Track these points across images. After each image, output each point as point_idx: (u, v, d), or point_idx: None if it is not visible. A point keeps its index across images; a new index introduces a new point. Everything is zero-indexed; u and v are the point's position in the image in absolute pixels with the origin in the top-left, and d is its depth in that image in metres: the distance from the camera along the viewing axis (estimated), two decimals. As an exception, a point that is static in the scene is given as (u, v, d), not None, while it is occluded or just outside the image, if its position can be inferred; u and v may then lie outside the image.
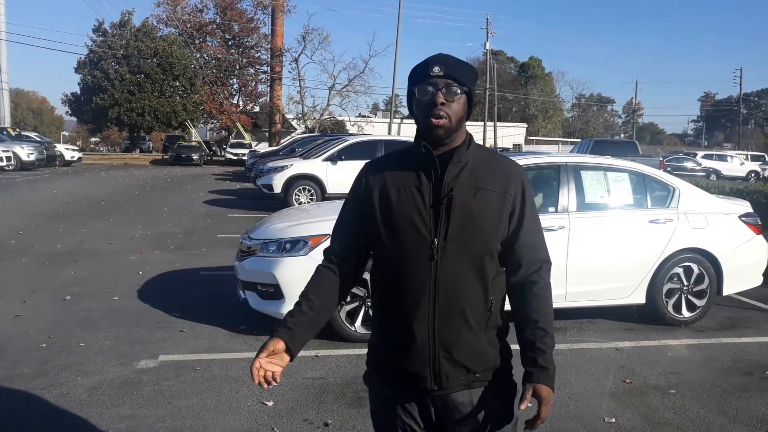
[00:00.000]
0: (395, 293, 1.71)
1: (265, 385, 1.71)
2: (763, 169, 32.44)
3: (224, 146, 42.72)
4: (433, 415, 1.74)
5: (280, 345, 1.71)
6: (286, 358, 1.74)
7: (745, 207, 6.05)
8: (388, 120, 41.55)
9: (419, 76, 1.70)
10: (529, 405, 1.67)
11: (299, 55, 39.70)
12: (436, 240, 1.65)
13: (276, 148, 25.55)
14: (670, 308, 5.53)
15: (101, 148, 62.25)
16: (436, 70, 1.67)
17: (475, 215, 1.67)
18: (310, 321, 1.76)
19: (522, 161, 5.56)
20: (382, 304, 1.76)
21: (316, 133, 29.84)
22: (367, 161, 1.90)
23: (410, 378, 1.71)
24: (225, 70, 45.55)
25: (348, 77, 39.69)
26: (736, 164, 32.81)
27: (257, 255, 5.07)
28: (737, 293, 6.16)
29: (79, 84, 40.20)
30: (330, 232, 1.95)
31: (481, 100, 49.45)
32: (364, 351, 1.90)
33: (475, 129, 48.78)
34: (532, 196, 1.78)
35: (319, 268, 1.83)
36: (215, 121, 48.88)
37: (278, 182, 13.71)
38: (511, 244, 1.73)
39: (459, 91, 1.68)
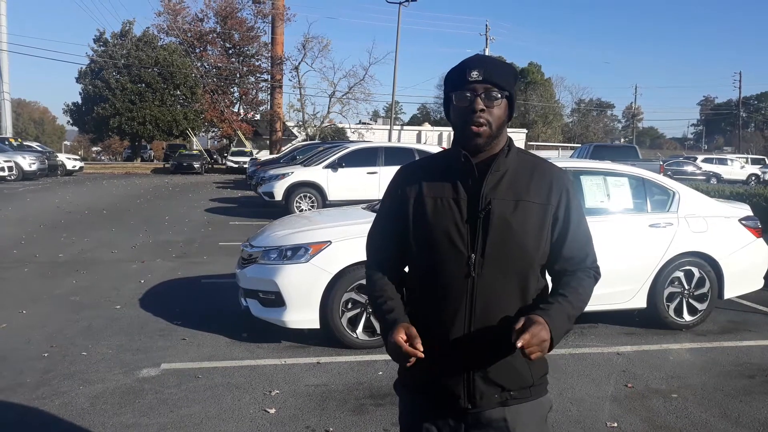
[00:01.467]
0: (429, 308, 1.63)
1: (420, 354, 1.55)
2: (764, 173, 32.40)
3: (225, 154, 42.78)
4: (464, 428, 1.66)
5: (404, 330, 1.58)
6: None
7: (746, 210, 6.06)
8: (388, 127, 41.60)
9: (456, 81, 1.61)
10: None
11: (299, 63, 39.80)
12: (473, 256, 1.57)
13: (277, 155, 25.59)
14: (671, 312, 5.53)
15: (103, 158, 62.40)
16: (475, 74, 1.57)
17: (515, 229, 1.57)
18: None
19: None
20: (414, 318, 1.65)
21: (316, 141, 29.89)
22: (401, 165, 1.81)
23: (443, 394, 1.64)
24: (225, 78, 45.68)
25: (348, 85, 39.76)
26: (737, 168, 32.79)
27: (258, 262, 5.08)
28: (738, 297, 6.16)
29: (80, 94, 40.39)
30: (330, 238, 1.96)
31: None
32: (366, 358, 1.92)
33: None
34: (578, 202, 1.69)
35: (371, 270, 1.77)
36: (216, 130, 48.99)
37: (279, 190, 13.74)
38: (556, 256, 1.66)
39: (500, 96, 1.59)
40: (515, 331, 1.50)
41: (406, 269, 1.76)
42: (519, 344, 1.47)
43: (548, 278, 1.73)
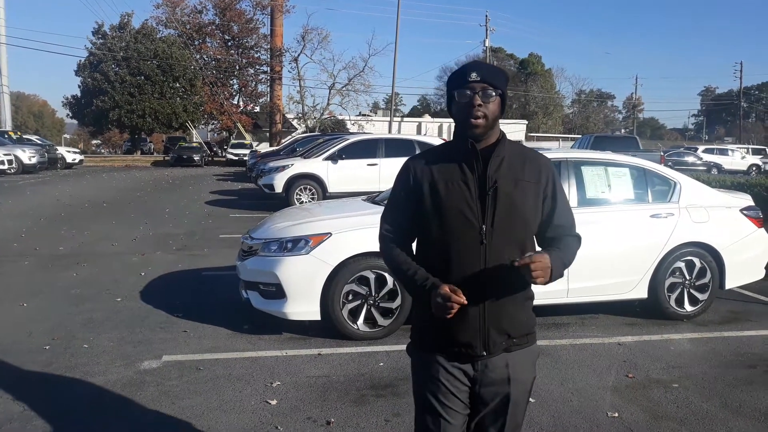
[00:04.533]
0: (448, 275, 1.91)
1: (465, 301, 1.84)
2: (764, 163, 32.33)
3: (225, 147, 42.72)
4: (472, 376, 1.97)
5: (447, 285, 1.86)
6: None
7: (747, 200, 6.04)
8: (388, 118, 41.52)
9: (458, 81, 1.92)
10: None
11: (299, 55, 39.66)
12: (484, 227, 1.89)
13: (277, 147, 25.57)
14: (672, 302, 5.53)
15: (102, 151, 62.30)
16: (474, 75, 1.88)
17: (517, 204, 1.91)
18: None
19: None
20: None
21: (316, 133, 29.82)
22: (408, 157, 2.09)
23: (461, 346, 1.95)
24: (225, 70, 45.54)
25: (348, 76, 39.64)
26: (737, 158, 32.71)
27: (259, 254, 5.08)
28: (739, 287, 6.16)
29: (79, 87, 40.24)
30: (330, 230, 2.05)
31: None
32: (367, 349, 1.95)
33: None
34: (561, 183, 2.07)
35: (388, 249, 2.05)
36: (216, 122, 48.87)
37: (279, 182, 13.72)
38: (546, 225, 2.02)
39: (494, 94, 1.90)
40: (525, 258, 1.82)
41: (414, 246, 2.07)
42: (524, 262, 1.80)
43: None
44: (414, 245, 2.09)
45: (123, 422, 3.47)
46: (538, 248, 2.02)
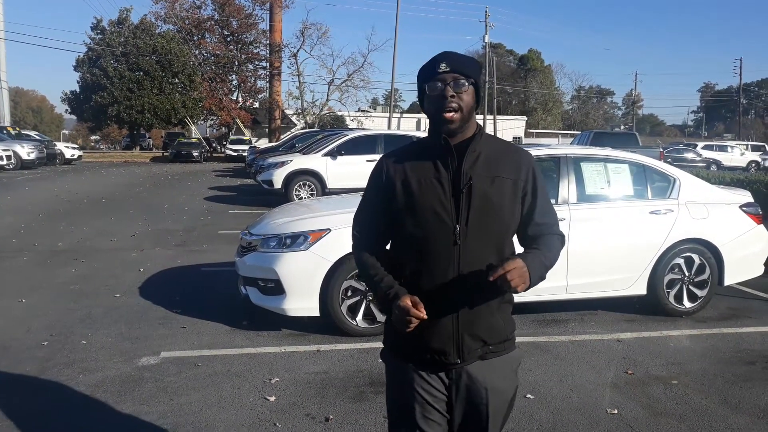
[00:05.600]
0: (420, 277, 1.83)
1: (425, 316, 1.76)
2: (764, 159, 32.32)
3: (224, 143, 42.70)
4: (447, 385, 1.88)
5: (409, 298, 1.78)
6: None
7: (746, 197, 6.04)
8: (387, 114, 41.47)
9: (428, 73, 1.82)
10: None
11: (298, 51, 39.59)
12: (458, 226, 1.78)
13: (276, 143, 25.53)
14: (671, 299, 5.53)
15: (101, 146, 62.25)
16: (443, 66, 1.78)
17: (493, 202, 1.80)
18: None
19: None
20: (405, 286, 1.84)
21: (315, 129, 29.79)
22: (382, 154, 1.99)
23: (434, 353, 1.84)
24: (224, 66, 45.45)
25: (347, 72, 39.58)
26: (737, 154, 32.70)
27: (258, 250, 5.07)
28: (738, 283, 6.15)
29: (78, 82, 40.20)
30: (329, 226, 2.01)
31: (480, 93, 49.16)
32: (366, 345, 1.94)
33: (475, 122, 48.60)
34: (542, 180, 1.93)
35: (358, 253, 1.97)
36: (215, 118, 48.84)
37: (278, 178, 13.71)
38: (527, 224, 1.91)
39: (466, 83, 1.80)
40: (498, 269, 1.70)
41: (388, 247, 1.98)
42: (497, 275, 1.68)
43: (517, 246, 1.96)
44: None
45: (121, 418, 3.46)
46: (520, 248, 1.92)
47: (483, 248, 1.80)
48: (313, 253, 4.80)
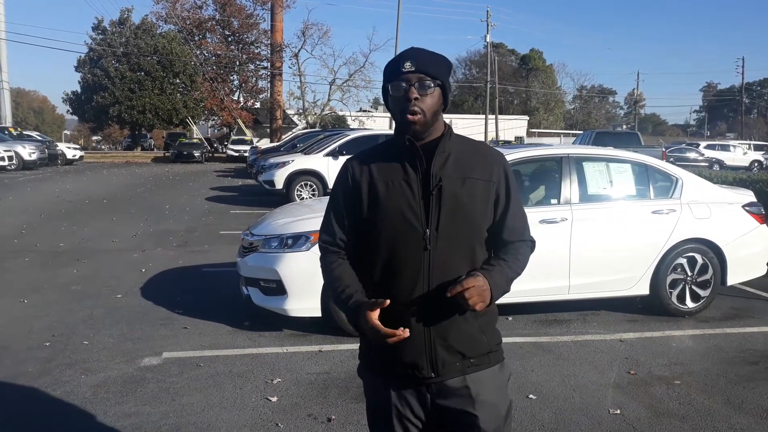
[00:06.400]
0: (389, 284, 1.73)
1: (405, 333, 1.66)
2: (766, 159, 32.29)
3: (225, 143, 42.69)
4: (429, 402, 1.76)
5: (373, 313, 1.68)
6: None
7: (749, 196, 6.02)
8: (389, 114, 41.42)
9: (392, 72, 1.71)
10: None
11: (299, 51, 39.61)
12: (428, 231, 1.69)
13: (277, 143, 25.53)
14: (674, 299, 5.51)
15: (103, 147, 62.29)
16: (408, 65, 1.68)
17: (464, 204, 1.71)
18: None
19: (524, 153, 5.54)
20: (374, 295, 1.74)
21: (317, 129, 29.79)
22: (348, 156, 1.92)
23: (407, 367, 1.73)
24: (225, 66, 45.48)
25: (348, 72, 39.59)
26: (739, 154, 32.64)
27: (259, 251, 5.07)
28: (741, 283, 6.13)
29: (79, 82, 40.27)
30: None
31: (482, 93, 49.31)
32: None
33: (476, 122, 48.68)
34: (514, 181, 1.83)
35: (323, 263, 1.86)
36: (216, 118, 48.88)
37: (280, 178, 13.71)
38: (498, 229, 1.80)
39: (432, 85, 1.69)
40: (456, 285, 1.62)
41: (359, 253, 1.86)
42: (454, 291, 1.60)
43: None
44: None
45: (123, 419, 3.46)
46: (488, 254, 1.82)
47: (454, 254, 1.71)
48: (314, 254, 4.76)
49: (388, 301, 1.66)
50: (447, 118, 1.80)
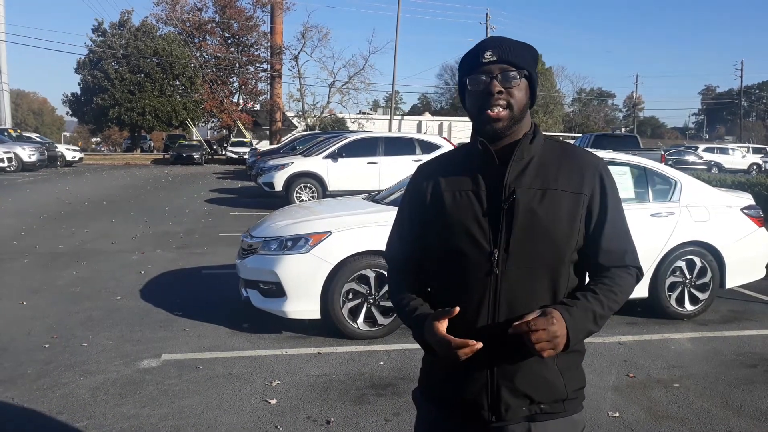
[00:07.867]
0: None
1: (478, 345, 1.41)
2: (765, 162, 32.30)
3: (225, 145, 42.70)
4: None
5: (440, 324, 1.46)
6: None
7: (748, 200, 6.03)
8: (388, 117, 41.47)
9: (470, 64, 1.49)
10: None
11: (299, 53, 39.64)
12: (496, 251, 1.44)
13: (277, 146, 25.53)
14: (672, 302, 5.52)
15: (102, 148, 62.28)
16: (489, 55, 1.45)
17: (542, 221, 1.44)
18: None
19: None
20: None
21: (316, 131, 29.81)
22: (421, 162, 1.72)
23: (465, 405, 1.51)
24: (225, 68, 45.52)
25: (348, 74, 39.62)
26: (738, 157, 32.69)
27: (259, 253, 5.07)
28: (740, 286, 6.15)
29: (79, 84, 40.23)
30: (330, 229, 1.91)
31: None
32: (367, 348, 1.90)
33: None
34: (615, 192, 1.54)
35: (390, 280, 1.69)
36: (216, 120, 48.88)
37: (279, 180, 13.71)
38: (592, 251, 1.52)
39: (518, 77, 1.47)
40: (523, 321, 1.38)
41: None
42: (518, 329, 1.36)
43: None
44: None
45: (122, 421, 3.46)
46: (577, 279, 1.55)
47: (528, 280, 1.44)
48: (314, 256, 4.80)
49: (457, 309, 1.43)
50: (446, 121, 1.73)
